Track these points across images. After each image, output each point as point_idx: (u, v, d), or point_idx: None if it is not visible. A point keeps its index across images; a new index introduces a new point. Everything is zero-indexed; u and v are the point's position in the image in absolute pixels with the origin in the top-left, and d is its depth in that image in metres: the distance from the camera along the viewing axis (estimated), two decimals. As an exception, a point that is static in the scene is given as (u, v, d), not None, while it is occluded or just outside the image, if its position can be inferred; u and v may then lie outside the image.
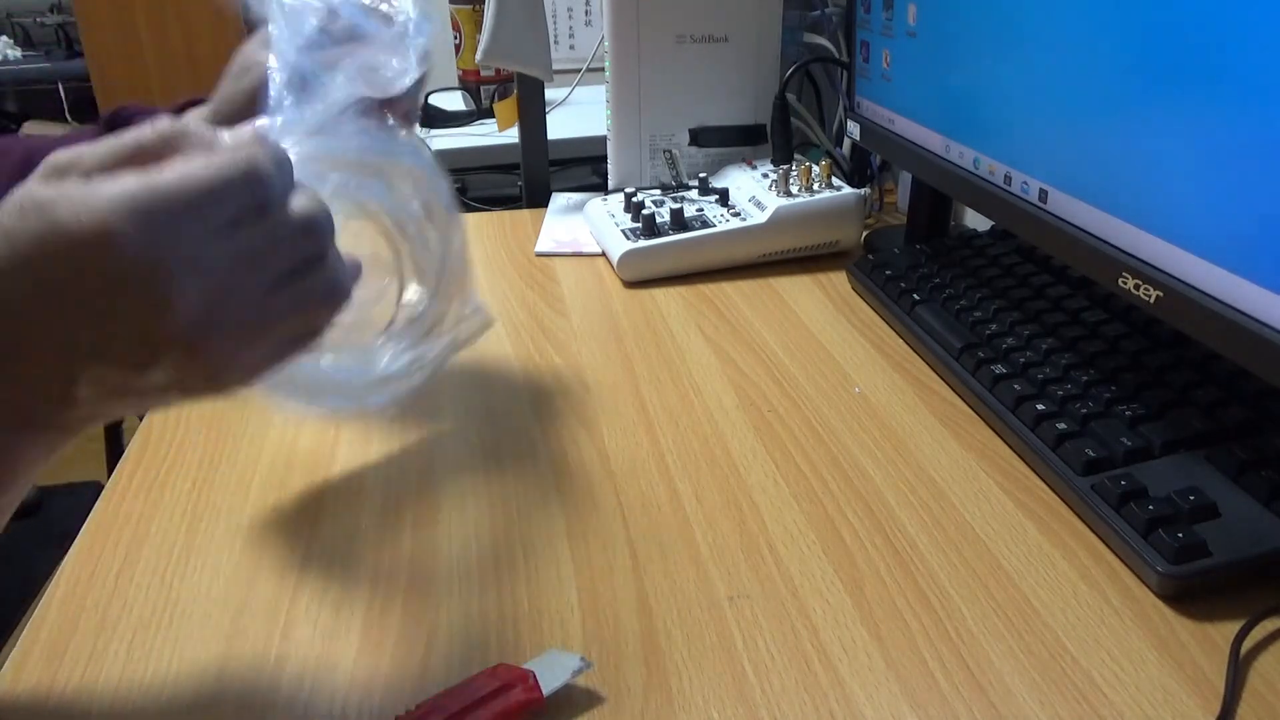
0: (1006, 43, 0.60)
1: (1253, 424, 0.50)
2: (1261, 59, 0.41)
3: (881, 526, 0.49)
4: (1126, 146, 0.51)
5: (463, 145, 1.15)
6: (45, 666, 0.41)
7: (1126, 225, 0.51)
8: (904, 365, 0.66)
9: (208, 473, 0.55)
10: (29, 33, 2.82)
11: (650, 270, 0.80)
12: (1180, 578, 0.43)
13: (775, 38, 0.93)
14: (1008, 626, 0.43)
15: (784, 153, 0.90)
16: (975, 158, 0.66)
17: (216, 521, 0.51)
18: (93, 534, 0.50)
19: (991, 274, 0.71)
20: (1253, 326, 0.43)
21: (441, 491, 0.53)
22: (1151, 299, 0.49)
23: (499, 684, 0.38)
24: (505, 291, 0.79)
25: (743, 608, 0.44)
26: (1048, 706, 0.38)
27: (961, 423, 0.58)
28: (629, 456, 0.56)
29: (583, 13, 1.52)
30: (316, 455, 0.56)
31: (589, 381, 0.64)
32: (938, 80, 0.69)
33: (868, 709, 0.39)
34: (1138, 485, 0.47)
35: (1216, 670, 0.40)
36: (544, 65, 0.94)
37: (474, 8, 1.25)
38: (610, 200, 0.90)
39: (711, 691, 0.40)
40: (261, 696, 0.40)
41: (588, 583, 0.46)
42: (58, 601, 0.45)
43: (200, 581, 0.46)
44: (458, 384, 0.64)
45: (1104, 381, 0.55)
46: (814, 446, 0.56)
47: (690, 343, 0.69)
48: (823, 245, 0.84)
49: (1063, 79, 0.55)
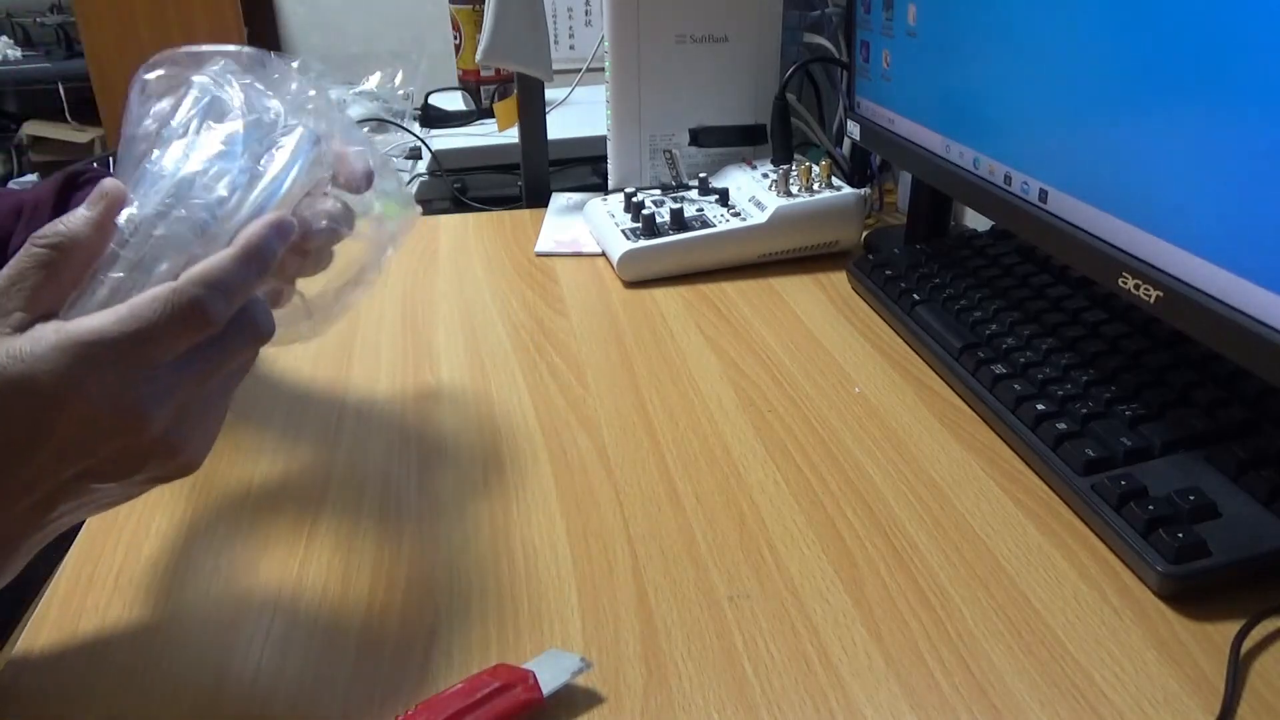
0: (1006, 43, 0.60)
1: (1253, 424, 0.50)
2: (1261, 59, 0.41)
3: (881, 526, 0.49)
4: (1126, 147, 0.51)
5: (463, 145, 1.15)
6: (45, 666, 0.41)
7: (1126, 225, 0.51)
8: (904, 365, 0.66)
9: (208, 472, 0.55)
10: (29, 33, 2.82)
11: (650, 270, 0.80)
12: (1180, 578, 0.43)
13: (775, 38, 0.93)
14: (1008, 626, 0.43)
15: (784, 153, 0.90)
16: (975, 158, 0.66)
17: (216, 521, 0.51)
18: (93, 534, 0.50)
19: (991, 274, 0.71)
20: (1253, 326, 0.43)
21: (441, 491, 0.53)
22: (1151, 299, 0.49)
23: (499, 684, 0.38)
24: (505, 291, 0.79)
25: (743, 607, 0.44)
26: (1048, 706, 0.38)
27: (961, 423, 0.58)
28: (629, 456, 0.56)
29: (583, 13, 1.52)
30: (316, 455, 0.56)
31: (589, 381, 0.64)
32: (938, 80, 0.69)
33: (868, 709, 0.39)
34: (1138, 485, 0.47)
35: (1216, 670, 0.40)
36: (544, 65, 0.94)
37: (474, 8, 1.25)
38: (610, 200, 0.90)
39: (711, 691, 0.40)
40: (262, 696, 0.40)
41: (588, 583, 0.46)
42: (58, 601, 0.45)
43: (200, 581, 0.46)
44: (457, 383, 0.64)
45: (1104, 381, 0.55)
46: (814, 446, 0.56)
47: (690, 343, 0.69)
48: (823, 245, 0.84)
49: (1063, 79, 0.55)
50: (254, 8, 2.53)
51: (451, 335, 0.72)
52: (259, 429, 0.59)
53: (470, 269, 0.84)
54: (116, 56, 2.42)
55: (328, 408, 0.62)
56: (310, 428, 0.59)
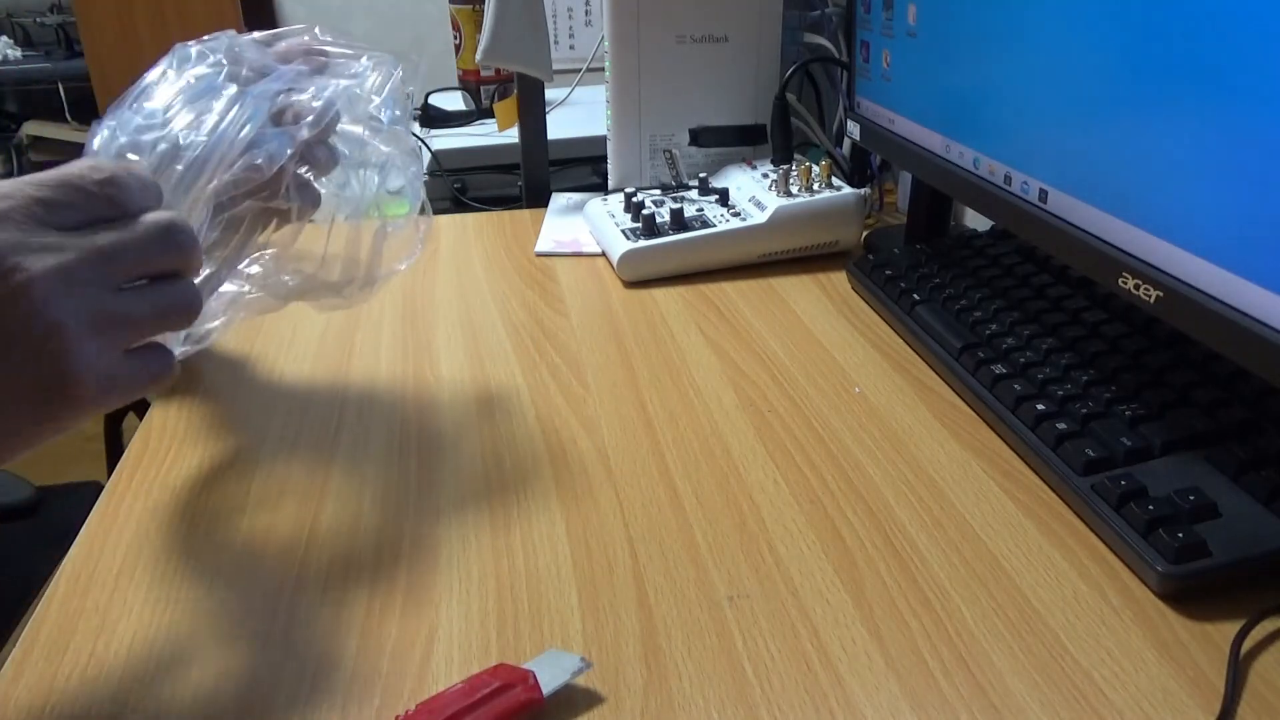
0: (1006, 43, 0.60)
1: (1253, 424, 0.50)
2: (1261, 58, 0.41)
3: (881, 526, 0.49)
4: (1126, 146, 0.51)
5: (463, 145, 1.15)
6: (45, 666, 0.41)
7: (1126, 225, 0.51)
8: (904, 365, 0.66)
9: (208, 473, 0.55)
10: (29, 33, 2.82)
11: (650, 270, 0.80)
12: (1180, 578, 0.43)
13: (775, 38, 0.93)
14: (1008, 626, 0.43)
15: (784, 153, 0.90)
16: (975, 158, 0.66)
17: (216, 521, 0.51)
18: (93, 534, 0.50)
19: (991, 274, 0.71)
20: (1253, 326, 0.43)
21: (441, 491, 0.53)
22: (1151, 299, 0.49)
23: (499, 684, 0.38)
24: (505, 291, 0.79)
25: (743, 607, 0.44)
26: (1048, 707, 0.38)
27: (961, 423, 0.58)
28: (629, 456, 0.56)
29: (583, 13, 1.52)
30: (316, 455, 0.56)
31: (589, 381, 0.64)
32: (938, 80, 0.69)
33: (868, 709, 0.39)
34: (1138, 485, 0.47)
35: (1216, 670, 0.40)
36: (544, 65, 0.94)
37: (474, 8, 1.25)
38: (610, 200, 0.90)
39: (711, 691, 0.40)
40: (262, 696, 0.40)
41: (588, 583, 0.46)
42: (58, 601, 0.45)
43: (201, 581, 0.46)
44: (457, 383, 0.64)
45: (1104, 381, 0.55)
46: (814, 446, 0.56)
47: (690, 343, 0.69)
48: (823, 245, 0.84)
49: (1063, 79, 0.55)
50: (254, 8, 2.53)
51: (451, 335, 0.72)
52: (259, 429, 0.59)
53: (470, 269, 0.84)
54: (116, 56, 2.41)
55: (328, 407, 0.62)
56: (310, 427, 0.59)
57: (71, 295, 0.33)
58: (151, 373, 0.38)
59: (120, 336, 0.36)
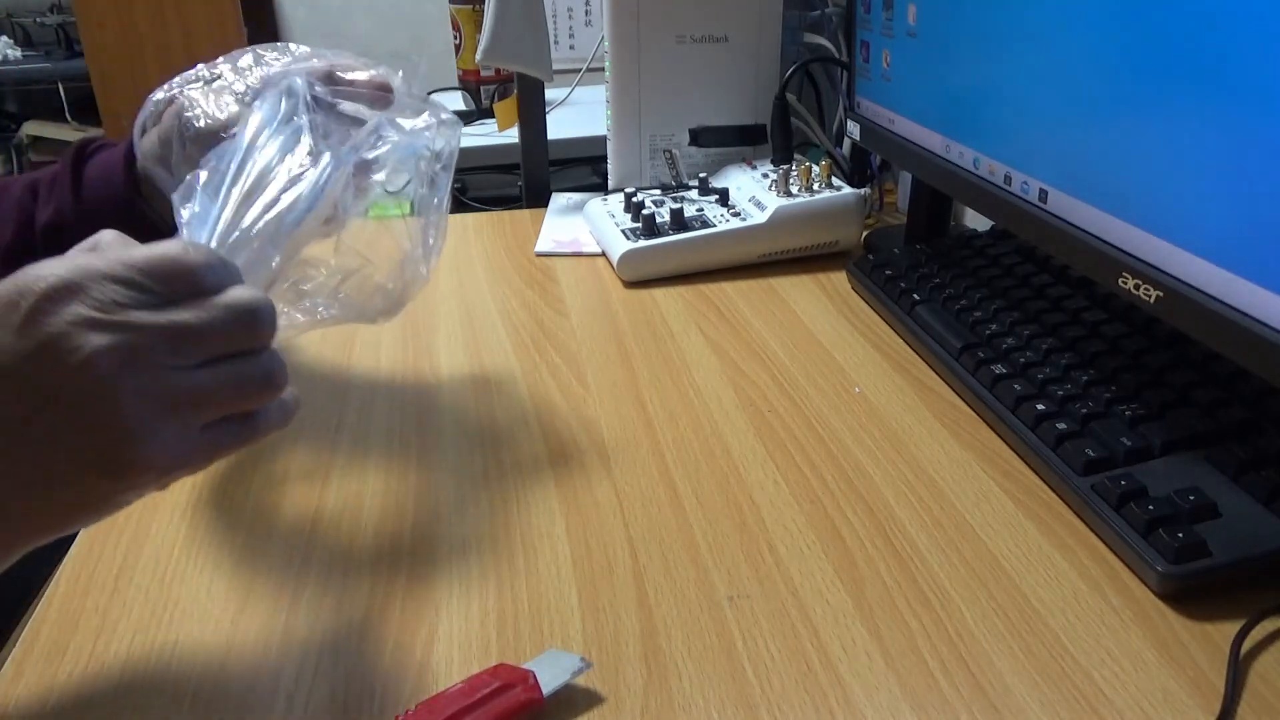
0: (1006, 43, 0.60)
1: (1253, 424, 0.50)
2: (1261, 58, 0.41)
3: (881, 526, 0.49)
4: (1126, 146, 0.51)
5: (463, 145, 1.15)
6: (45, 666, 0.41)
7: (1126, 225, 0.51)
8: (904, 365, 0.66)
9: (208, 473, 0.55)
10: (29, 33, 2.82)
11: (650, 270, 0.80)
12: (1180, 578, 0.43)
13: (775, 38, 0.93)
14: (1008, 626, 0.43)
15: (784, 153, 0.90)
16: (975, 158, 0.66)
17: (216, 521, 0.51)
18: (93, 534, 0.50)
19: (991, 274, 0.71)
20: (1253, 326, 0.43)
21: (441, 491, 0.53)
22: (1151, 299, 0.49)
23: (499, 684, 0.38)
24: (505, 291, 0.79)
25: (743, 608, 0.44)
26: (1048, 707, 0.38)
27: (961, 423, 0.58)
28: (629, 456, 0.56)
29: (583, 13, 1.52)
30: (316, 455, 0.56)
31: (589, 382, 0.64)
32: (938, 80, 0.69)
33: (868, 709, 0.39)
34: (1138, 485, 0.47)
35: (1216, 670, 0.40)
36: (544, 65, 0.94)
37: (474, 8, 1.25)
38: (610, 200, 0.90)
39: (711, 691, 0.40)
40: (262, 697, 0.40)
41: (588, 583, 0.46)
42: (58, 601, 0.45)
43: (200, 581, 0.46)
44: (457, 384, 0.64)
45: (1104, 381, 0.55)
46: (814, 446, 0.56)
47: (690, 343, 0.69)
48: (823, 245, 0.84)
49: (1063, 79, 0.55)
50: (254, 8, 2.53)
51: (451, 335, 0.72)
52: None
53: (470, 269, 0.84)
54: (116, 56, 2.42)
55: (328, 407, 0.62)
56: (310, 427, 0.59)
57: (138, 375, 0.33)
58: (233, 442, 0.37)
59: (194, 414, 0.35)
